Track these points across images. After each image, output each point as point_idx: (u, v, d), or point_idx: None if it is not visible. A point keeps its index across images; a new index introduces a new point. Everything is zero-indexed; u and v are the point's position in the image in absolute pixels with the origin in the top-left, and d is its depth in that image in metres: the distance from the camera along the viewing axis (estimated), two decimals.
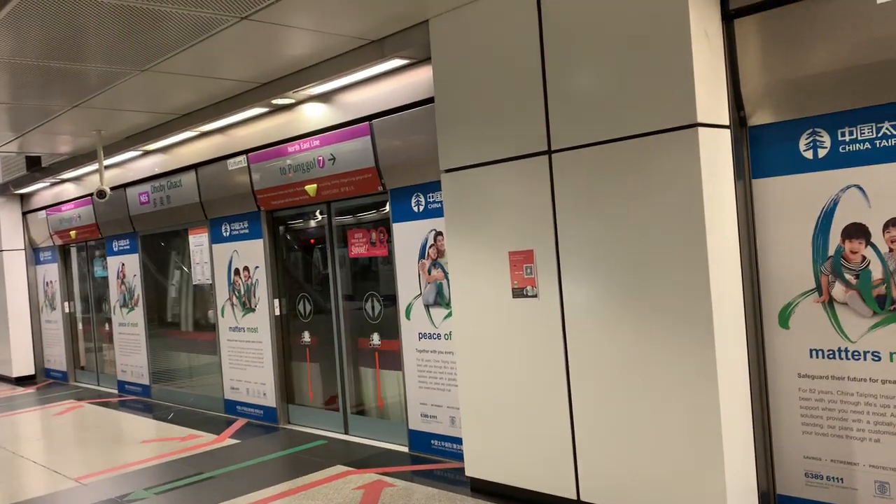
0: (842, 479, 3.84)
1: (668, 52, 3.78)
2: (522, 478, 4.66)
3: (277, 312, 7.47)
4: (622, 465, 4.13)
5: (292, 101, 6.48)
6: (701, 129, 3.72)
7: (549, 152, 4.34)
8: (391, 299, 6.23)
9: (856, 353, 3.74)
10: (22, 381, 12.04)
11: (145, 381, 9.68)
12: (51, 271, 11.89)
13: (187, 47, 5.05)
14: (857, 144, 3.69)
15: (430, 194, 5.67)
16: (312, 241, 7.30)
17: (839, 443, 3.83)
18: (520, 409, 4.63)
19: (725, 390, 3.75)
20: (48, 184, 10.90)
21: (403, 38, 5.12)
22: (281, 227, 7.55)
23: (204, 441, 7.01)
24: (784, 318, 3.97)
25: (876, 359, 3.68)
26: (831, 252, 3.78)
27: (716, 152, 3.84)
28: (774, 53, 3.84)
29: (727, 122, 3.94)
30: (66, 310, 11.65)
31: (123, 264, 9.91)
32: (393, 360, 6.31)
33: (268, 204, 7.26)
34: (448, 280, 5.23)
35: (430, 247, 5.72)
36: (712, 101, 3.83)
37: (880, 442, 3.70)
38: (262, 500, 5.14)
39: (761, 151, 4.00)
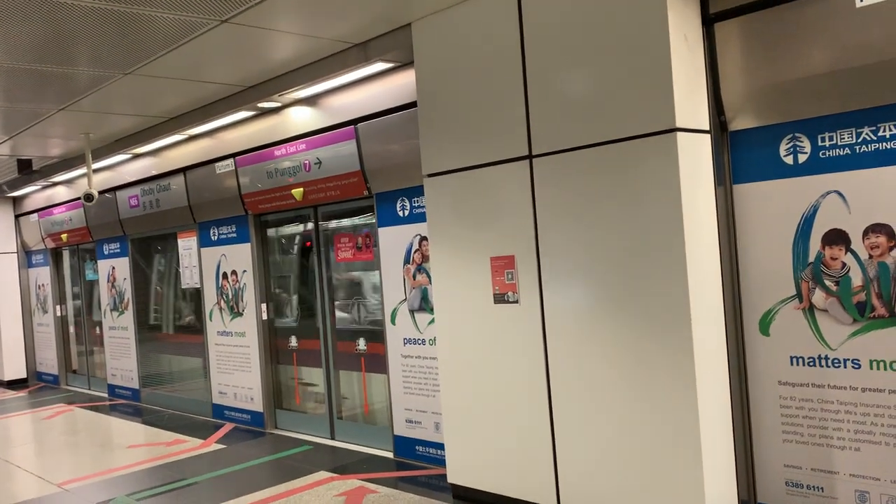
0: (822, 488, 3.79)
1: (647, 57, 3.75)
2: (503, 485, 4.62)
3: (265, 317, 7.43)
4: (602, 473, 4.09)
5: (278, 104, 6.45)
6: (680, 134, 3.68)
7: (530, 157, 4.31)
8: (377, 304, 6.19)
9: (836, 361, 3.70)
10: (13, 384, 12.01)
11: (135, 384, 9.63)
12: (43, 274, 11.86)
13: (169, 50, 5.02)
14: (838, 150, 3.66)
15: (415, 199, 5.64)
16: (301, 245, 7.27)
17: (819, 451, 3.79)
18: (501, 416, 4.59)
19: (705, 397, 3.71)
20: (40, 187, 10.88)
21: (387, 42, 5.09)
22: (268, 231, 7.52)
23: (190, 446, 6.97)
24: (764, 325, 3.93)
25: (856, 366, 3.64)
26: (811, 258, 3.74)
27: (696, 157, 3.80)
28: (755, 58, 3.81)
29: (707, 127, 3.90)
30: (58, 313, 11.62)
31: (114, 268, 9.88)
32: (378, 365, 6.27)
33: (255, 208, 7.22)
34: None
35: (414, 252, 5.69)
36: (692, 106, 3.80)
37: (860, 451, 3.66)
38: None
39: (742, 156, 3.96)
